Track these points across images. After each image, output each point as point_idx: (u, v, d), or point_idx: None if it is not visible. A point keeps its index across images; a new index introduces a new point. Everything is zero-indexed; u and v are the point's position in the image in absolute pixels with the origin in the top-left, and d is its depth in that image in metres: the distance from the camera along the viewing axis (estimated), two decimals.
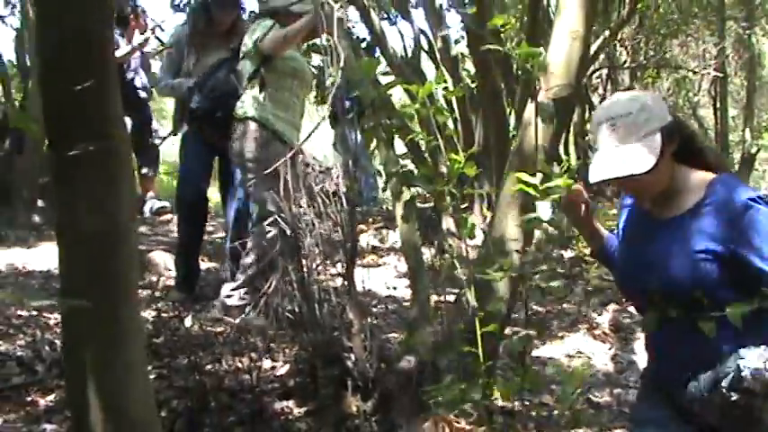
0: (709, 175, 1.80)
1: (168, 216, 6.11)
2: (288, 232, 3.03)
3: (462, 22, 6.08)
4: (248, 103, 3.72)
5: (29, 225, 5.71)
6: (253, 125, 3.67)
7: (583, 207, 1.99)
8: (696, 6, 9.31)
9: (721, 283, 1.70)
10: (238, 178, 3.85)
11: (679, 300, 1.73)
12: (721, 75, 8.64)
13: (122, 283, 1.89)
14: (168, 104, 8.48)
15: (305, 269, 2.91)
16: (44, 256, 4.58)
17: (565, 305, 4.60)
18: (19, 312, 3.63)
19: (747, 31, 9.06)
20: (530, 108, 2.78)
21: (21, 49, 7.01)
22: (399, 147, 4.34)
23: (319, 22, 2.98)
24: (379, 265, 5.23)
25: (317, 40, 3.54)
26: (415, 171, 2.76)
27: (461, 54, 7.24)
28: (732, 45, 10.09)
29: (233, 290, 3.70)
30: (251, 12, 5.18)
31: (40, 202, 6.16)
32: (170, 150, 6.83)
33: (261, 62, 3.68)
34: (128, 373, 1.92)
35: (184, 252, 4.19)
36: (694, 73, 9.61)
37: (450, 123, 6.64)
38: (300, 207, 2.99)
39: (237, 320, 3.42)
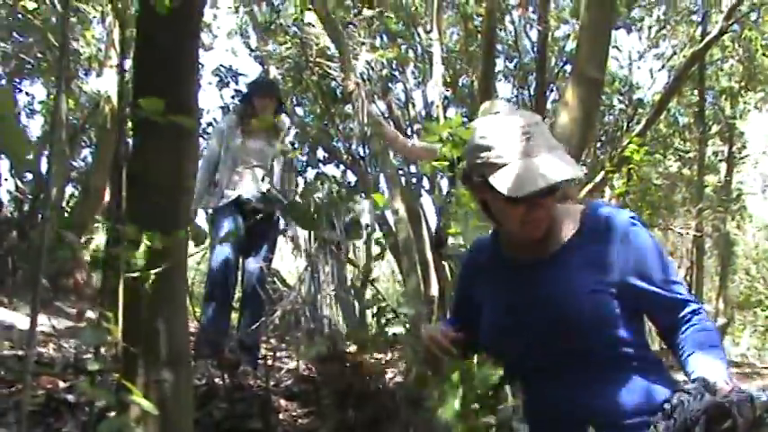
0: (575, 205, 1.63)
1: None
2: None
3: None
4: None
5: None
6: None
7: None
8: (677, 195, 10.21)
9: (619, 320, 1.51)
10: (264, 252, 4.21)
11: (577, 345, 1.51)
12: (699, 234, 9.25)
13: (179, 224, 2.19)
14: None
15: (319, 292, 3.22)
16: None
17: None
18: None
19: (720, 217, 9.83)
20: None
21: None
22: None
23: None
24: None
25: None
26: None
27: None
28: (709, 231, 10.87)
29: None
30: None
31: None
32: None
33: None
34: (173, 310, 2.19)
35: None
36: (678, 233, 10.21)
37: None
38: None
39: None
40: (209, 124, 8.96)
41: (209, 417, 2.64)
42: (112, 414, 1.84)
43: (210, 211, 4.25)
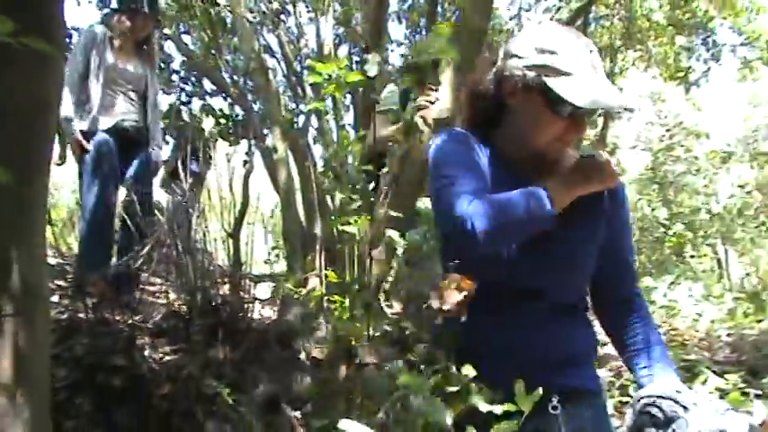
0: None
1: None
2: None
3: None
4: None
5: None
6: None
7: None
8: None
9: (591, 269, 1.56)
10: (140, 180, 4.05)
11: (566, 286, 1.53)
12: None
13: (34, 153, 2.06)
14: None
15: (192, 225, 3.15)
16: None
17: None
18: None
19: None
20: None
21: None
22: None
23: None
24: None
25: None
26: None
27: None
28: None
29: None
30: None
31: None
32: None
33: None
34: (28, 241, 2.08)
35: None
36: None
37: None
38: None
39: None
40: None
41: (69, 352, 2.57)
42: None
43: (80, 134, 3.99)
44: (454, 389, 1.40)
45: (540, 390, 1.31)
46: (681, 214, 13.04)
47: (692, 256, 12.24)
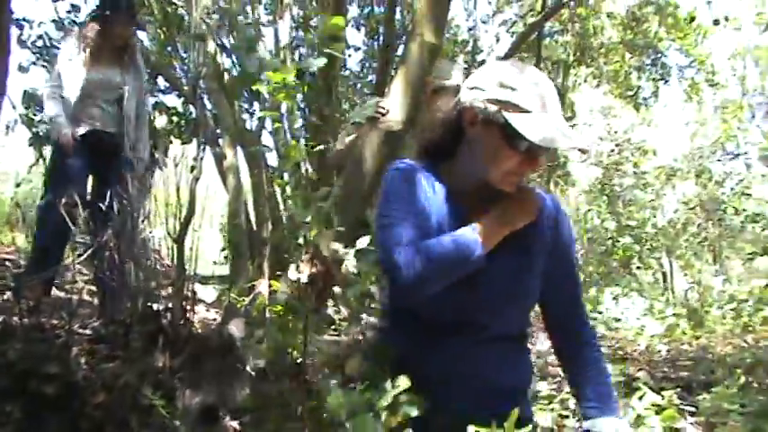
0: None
1: None
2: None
3: None
4: None
5: None
6: None
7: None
8: None
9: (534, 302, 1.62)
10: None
11: (512, 316, 1.59)
12: None
13: None
14: None
15: (134, 228, 3.10)
16: None
17: None
18: None
19: None
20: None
21: None
22: None
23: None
24: None
25: None
26: None
27: None
28: None
29: None
30: None
31: None
32: None
33: None
34: None
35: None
36: None
37: None
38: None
39: None
40: (40, 37, 8.28)
41: (2, 358, 2.49)
42: None
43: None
44: (386, 403, 1.41)
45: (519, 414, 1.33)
46: (629, 227, 13.29)
47: (638, 268, 12.48)
